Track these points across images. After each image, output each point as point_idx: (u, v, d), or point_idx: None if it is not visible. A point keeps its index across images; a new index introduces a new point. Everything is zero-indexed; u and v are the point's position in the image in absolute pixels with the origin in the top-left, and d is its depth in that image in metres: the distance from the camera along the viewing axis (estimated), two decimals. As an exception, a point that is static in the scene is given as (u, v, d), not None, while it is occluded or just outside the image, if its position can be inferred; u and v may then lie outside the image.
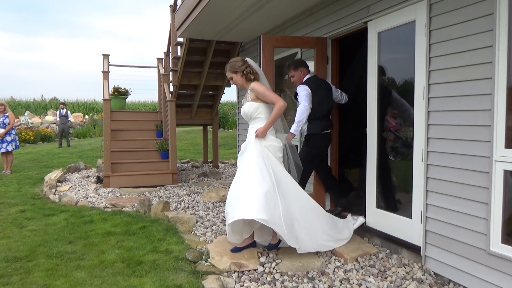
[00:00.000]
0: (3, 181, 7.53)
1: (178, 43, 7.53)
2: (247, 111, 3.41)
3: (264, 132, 3.34)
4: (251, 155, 3.32)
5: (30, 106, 26.54)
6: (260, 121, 3.39)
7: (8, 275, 3.09)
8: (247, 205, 3.06)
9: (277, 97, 3.34)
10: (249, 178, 3.21)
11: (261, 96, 3.35)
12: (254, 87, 3.37)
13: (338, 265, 3.23)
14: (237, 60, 3.48)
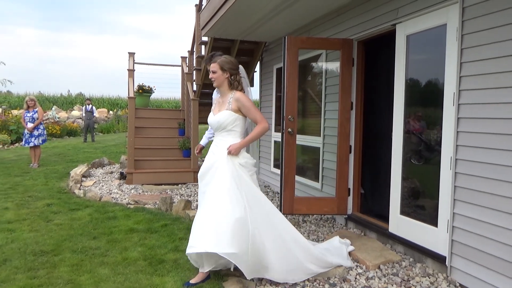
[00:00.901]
0: (31, 175, 7.78)
1: (202, 42, 7.57)
2: (223, 120, 2.99)
3: (238, 150, 2.97)
4: (222, 176, 2.90)
5: (57, 101, 27.34)
6: (233, 135, 3.02)
7: (36, 269, 3.18)
8: (214, 236, 2.70)
9: (262, 116, 3.03)
10: (218, 204, 2.82)
11: (245, 110, 2.99)
12: (240, 98, 3.00)
13: (359, 272, 3.18)
14: (233, 61, 3.09)
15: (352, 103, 4.39)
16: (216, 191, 2.87)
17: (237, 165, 2.96)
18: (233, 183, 2.88)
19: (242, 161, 2.99)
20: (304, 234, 4.18)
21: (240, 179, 2.92)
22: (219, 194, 2.85)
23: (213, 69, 3.05)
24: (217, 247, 2.68)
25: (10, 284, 2.89)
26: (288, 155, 4.39)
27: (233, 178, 2.90)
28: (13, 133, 14.49)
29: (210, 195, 2.90)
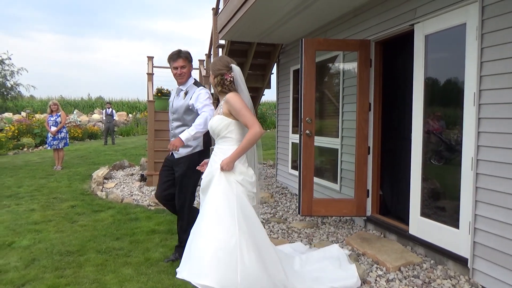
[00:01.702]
0: (55, 177, 8.01)
1: (219, 46, 7.65)
2: (215, 126, 2.69)
3: (231, 164, 2.59)
4: (213, 196, 2.58)
5: (78, 105, 27.97)
6: (229, 142, 2.68)
7: (62, 268, 3.30)
8: (196, 264, 2.40)
9: (254, 119, 2.61)
10: (206, 227, 2.49)
11: (234, 113, 2.63)
12: (229, 99, 2.66)
13: (380, 274, 3.18)
14: (220, 62, 2.77)
15: (370, 104, 4.37)
16: (206, 212, 2.56)
17: (234, 182, 2.61)
18: (224, 204, 2.53)
19: (239, 178, 2.62)
20: (323, 235, 4.19)
21: (236, 200, 2.55)
22: (208, 216, 2.53)
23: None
24: (198, 278, 2.34)
25: (39, 282, 3.00)
26: (306, 156, 4.41)
27: (225, 198, 2.55)
28: (37, 136, 14.95)
29: (200, 215, 2.60)
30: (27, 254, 3.62)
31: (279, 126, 7.50)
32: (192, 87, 3.45)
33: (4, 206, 5.58)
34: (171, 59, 3.40)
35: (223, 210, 2.51)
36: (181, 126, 3.45)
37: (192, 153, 3.40)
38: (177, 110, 3.48)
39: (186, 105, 3.40)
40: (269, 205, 5.52)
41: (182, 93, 3.47)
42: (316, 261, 3.18)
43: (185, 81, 3.46)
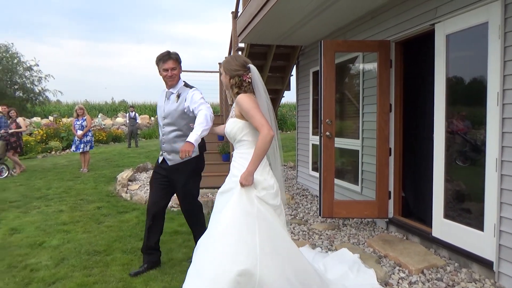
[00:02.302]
0: (81, 179, 8.28)
1: (239, 49, 7.73)
2: (230, 130, 2.56)
3: (249, 178, 2.36)
4: (232, 213, 2.35)
5: (103, 109, 28.70)
6: (246, 145, 2.52)
7: (90, 267, 3.42)
8: (210, 286, 2.19)
9: (264, 121, 2.38)
10: (222, 248, 2.27)
11: (244, 114, 2.46)
12: (239, 100, 2.48)
13: (402, 276, 3.15)
14: (235, 62, 2.59)
15: (390, 105, 4.34)
16: (223, 230, 2.32)
17: (255, 199, 2.38)
18: (242, 223, 2.31)
19: (261, 193, 2.40)
20: (344, 237, 4.18)
21: (257, 219, 2.33)
22: (225, 236, 2.30)
23: (221, 71, 2.73)
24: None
25: (69, 281, 3.13)
26: (327, 158, 4.41)
27: (246, 215, 2.33)
28: (64, 140, 15.43)
29: (216, 232, 2.36)
30: (57, 253, 3.78)
31: (299, 127, 7.51)
32: (184, 89, 3.32)
33: (34, 207, 5.81)
34: (161, 61, 3.25)
35: (242, 229, 2.29)
36: (176, 131, 3.29)
37: (189, 160, 3.18)
38: (169, 114, 3.31)
39: (181, 109, 3.25)
40: (289, 207, 5.54)
41: (173, 97, 3.33)
42: (334, 268, 3.11)
43: (176, 84, 3.33)
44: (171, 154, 3.31)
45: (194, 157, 3.27)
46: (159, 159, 3.46)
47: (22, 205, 5.97)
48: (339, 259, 3.25)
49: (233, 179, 2.49)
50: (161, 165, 3.41)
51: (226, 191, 2.53)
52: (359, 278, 2.99)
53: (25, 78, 22.62)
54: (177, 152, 3.19)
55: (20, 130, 9.69)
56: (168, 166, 3.33)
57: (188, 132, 3.09)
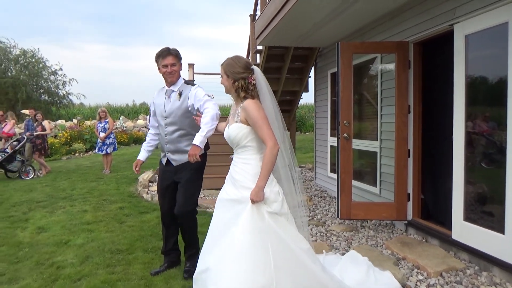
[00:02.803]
0: (104, 180, 8.50)
1: (257, 51, 7.80)
2: (234, 136, 2.48)
3: (260, 193, 2.31)
4: (244, 231, 2.30)
5: (124, 111, 29.29)
6: (250, 151, 2.48)
7: (113, 265, 3.54)
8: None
9: (271, 134, 2.35)
10: (238, 268, 2.24)
11: (251, 122, 2.41)
12: (247, 107, 2.41)
13: (420, 278, 3.14)
14: (238, 64, 2.51)
15: (409, 106, 4.31)
16: (238, 249, 2.27)
17: (266, 214, 2.34)
18: (257, 241, 2.27)
19: (272, 208, 2.37)
20: (362, 239, 4.18)
21: (268, 234, 2.30)
22: (240, 256, 2.26)
23: (220, 73, 2.59)
24: None
25: (93, 278, 3.25)
26: (344, 160, 4.42)
27: (259, 232, 2.30)
28: (87, 142, 15.85)
29: (231, 252, 2.29)
30: (81, 251, 3.92)
31: (317, 129, 7.51)
32: (185, 87, 3.19)
33: (60, 207, 6.02)
34: (160, 57, 3.14)
35: (257, 248, 2.25)
36: (180, 130, 3.18)
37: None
38: (172, 113, 3.17)
39: (184, 107, 3.13)
40: (307, 208, 5.55)
41: (174, 95, 3.20)
42: (350, 272, 3.03)
43: (176, 81, 3.21)
44: (175, 154, 3.21)
45: (200, 155, 3.08)
46: (163, 161, 3.33)
47: (48, 205, 6.19)
48: (352, 262, 3.20)
49: (241, 190, 2.41)
50: (166, 167, 3.29)
51: (232, 201, 2.44)
52: (380, 283, 2.96)
53: (50, 82, 23.37)
54: (181, 151, 3.13)
55: (45, 133, 10.02)
56: (174, 167, 3.23)
57: (192, 130, 3.07)
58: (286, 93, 8.41)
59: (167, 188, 3.31)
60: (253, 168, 2.43)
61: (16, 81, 20.45)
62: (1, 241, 4.35)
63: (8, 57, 21.73)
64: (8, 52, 21.74)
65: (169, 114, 3.19)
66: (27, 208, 5.97)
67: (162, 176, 3.37)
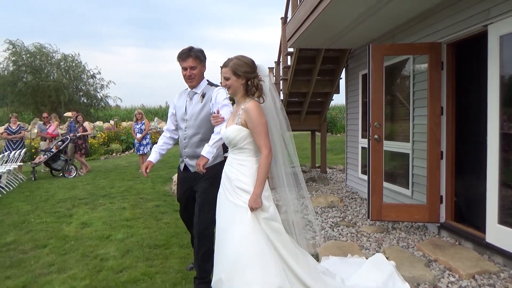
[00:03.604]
0: (140, 179, 8.86)
1: (288, 53, 7.89)
2: (233, 136, 2.48)
3: (258, 200, 2.39)
4: (247, 235, 2.38)
5: (158, 113, 30.11)
6: (246, 153, 2.50)
7: (152, 259, 3.75)
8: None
9: (267, 142, 2.43)
10: (255, 275, 2.31)
11: (250, 125, 2.43)
12: (249, 109, 2.43)
13: (452, 280, 3.13)
14: (248, 63, 2.52)
15: (442, 108, 4.28)
16: (247, 259, 2.34)
17: (262, 221, 2.43)
18: (263, 246, 2.37)
19: (266, 214, 2.45)
20: (393, 240, 4.18)
21: (272, 233, 2.45)
22: (252, 263, 2.33)
23: (225, 75, 2.53)
24: None
25: (134, 270, 3.47)
26: (375, 161, 4.44)
27: (264, 237, 2.40)
28: (124, 142, 16.49)
29: (242, 262, 2.35)
30: (122, 246, 4.17)
31: (348, 130, 7.51)
32: (209, 88, 3.01)
33: (100, 204, 6.37)
34: (180, 58, 2.95)
35: (265, 253, 2.36)
36: (199, 134, 3.01)
37: (212, 166, 2.91)
38: (192, 116, 3.00)
39: (206, 111, 2.97)
40: (338, 209, 5.59)
41: (197, 97, 3.02)
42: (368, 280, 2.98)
43: (196, 84, 3.02)
44: (194, 160, 2.96)
45: (218, 162, 2.97)
46: (181, 166, 3.14)
47: (90, 202, 6.56)
48: (374, 267, 3.14)
49: (238, 192, 2.47)
50: (184, 173, 3.11)
51: (231, 203, 2.48)
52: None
53: (89, 85, 24.42)
54: (200, 157, 2.85)
55: (86, 133, 10.56)
56: (191, 174, 3.01)
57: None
58: (317, 94, 8.44)
59: (183, 195, 3.15)
60: (248, 169, 2.48)
61: (58, 85, 21.52)
62: (49, 235, 4.69)
63: (51, 62, 22.90)
64: (50, 57, 22.91)
65: (190, 117, 3.02)
66: (71, 205, 6.36)
67: (180, 183, 3.21)
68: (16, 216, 5.73)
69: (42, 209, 6.10)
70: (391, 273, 3.04)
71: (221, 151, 3.00)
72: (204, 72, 3.07)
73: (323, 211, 5.50)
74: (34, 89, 21.30)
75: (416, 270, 3.18)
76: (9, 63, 21.68)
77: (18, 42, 21.73)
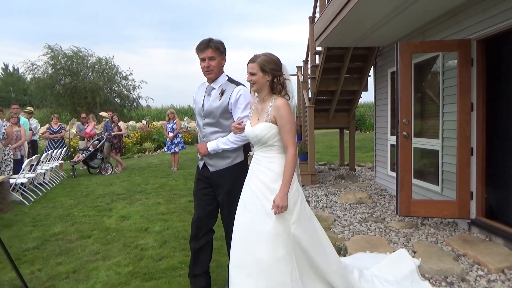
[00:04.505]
0: (172, 176, 9.20)
1: (316, 52, 7.98)
2: (262, 134, 2.47)
3: (285, 198, 2.36)
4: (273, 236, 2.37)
5: (187, 112, 30.76)
6: (276, 150, 2.50)
7: (187, 249, 3.95)
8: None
9: (294, 140, 2.45)
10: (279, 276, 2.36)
11: (280, 123, 2.44)
12: (281, 107, 2.45)
13: (480, 274, 3.17)
14: (275, 60, 2.54)
15: (472, 104, 4.27)
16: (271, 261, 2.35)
17: (291, 227, 2.41)
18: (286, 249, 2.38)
19: (294, 215, 2.42)
20: (422, 236, 4.22)
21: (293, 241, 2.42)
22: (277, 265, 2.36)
23: (252, 70, 2.52)
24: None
25: (171, 259, 3.72)
26: (403, 158, 4.49)
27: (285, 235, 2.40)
28: (155, 141, 17.03)
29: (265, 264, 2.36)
30: (159, 237, 4.43)
31: (377, 128, 7.52)
32: (229, 85, 2.83)
33: (137, 199, 6.71)
34: (199, 49, 2.79)
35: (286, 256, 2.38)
36: (218, 133, 2.84)
37: (231, 166, 2.84)
38: (210, 113, 2.84)
39: (223, 107, 2.79)
40: (366, 206, 5.66)
41: (215, 93, 2.85)
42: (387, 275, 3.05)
43: (215, 77, 2.83)
44: (213, 159, 2.85)
45: (240, 162, 2.86)
46: (199, 165, 3.00)
47: (127, 197, 6.92)
48: (394, 264, 3.19)
49: (266, 190, 2.44)
50: (202, 172, 2.95)
51: (258, 200, 2.46)
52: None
53: (122, 86, 25.30)
54: (219, 156, 2.82)
55: (121, 133, 11.04)
56: (210, 173, 2.88)
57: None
58: (345, 92, 8.48)
59: (198, 192, 2.99)
60: (278, 166, 2.47)
61: (94, 86, 22.45)
62: (92, 227, 5.03)
63: (87, 65, 23.91)
64: (86, 61, 23.92)
65: (207, 114, 2.85)
66: (110, 200, 6.74)
67: (196, 181, 3.04)
68: (61, 209, 6.14)
69: (84, 204, 6.50)
70: (412, 271, 3.11)
71: (241, 151, 2.87)
72: (224, 65, 2.89)
73: (352, 207, 5.58)
74: (71, 91, 22.32)
75: (444, 263, 3.24)
76: (48, 66, 22.82)
77: (56, 47, 22.83)
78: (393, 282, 2.95)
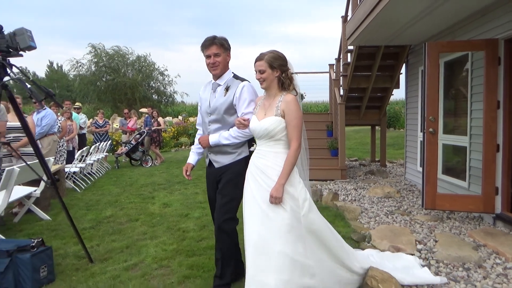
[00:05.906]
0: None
1: (348, 51, 8.18)
2: (272, 128, 2.53)
3: (281, 190, 2.44)
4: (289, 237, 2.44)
5: (220, 108, 31.38)
6: (282, 144, 2.58)
7: (223, 234, 4.40)
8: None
9: (300, 137, 2.56)
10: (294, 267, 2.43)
11: (288, 117, 2.52)
12: (291, 102, 2.54)
13: (497, 262, 3.36)
14: (282, 56, 2.62)
15: (499, 102, 4.40)
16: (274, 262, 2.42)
17: (302, 219, 2.51)
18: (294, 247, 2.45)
19: (304, 208, 2.52)
20: (446, 228, 4.41)
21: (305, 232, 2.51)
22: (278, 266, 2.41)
23: (260, 68, 2.58)
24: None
25: (211, 240, 4.13)
26: (430, 153, 4.68)
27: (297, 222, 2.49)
28: (191, 136, 17.70)
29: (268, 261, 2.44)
30: (199, 222, 4.88)
31: (408, 125, 7.64)
32: (234, 82, 2.87)
33: (176, 189, 7.23)
34: (204, 46, 2.85)
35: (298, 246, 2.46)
36: (223, 129, 2.88)
37: (236, 161, 2.86)
38: (216, 109, 2.86)
39: (228, 103, 2.82)
40: (394, 200, 5.86)
41: (220, 89, 2.89)
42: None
43: (220, 73, 2.88)
44: (218, 156, 2.89)
45: (243, 158, 2.88)
46: (206, 161, 3.03)
47: (167, 187, 7.47)
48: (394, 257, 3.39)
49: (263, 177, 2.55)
50: (209, 169, 3.00)
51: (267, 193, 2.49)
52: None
53: (159, 82, 26.30)
54: (224, 152, 2.86)
55: (160, 128, 11.68)
56: (215, 169, 2.92)
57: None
58: (377, 89, 8.62)
59: (211, 191, 3.06)
60: (284, 160, 2.53)
61: (133, 83, 23.54)
62: (139, 212, 5.57)
63: (126, 63, 25.06)
64: (126, 58, 25.07)
65: (213, 111, 2.89)
66: (152, 189, 7.30)
67: (207, 180, 3.11)
68: (109, 196, 6.76)
69: (129, 192, 7.10)
70: (412, 263, 3.26)
71: (246, 147, 2.90)
72: (229, 61, 2.95)
73: (379, 200, 5.81)
74: (112, 87, 23.52)
75: (463, 251, 3.45)
76: (91, 64, 24.14)
77: (100, 46, 24.08)
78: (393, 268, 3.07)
